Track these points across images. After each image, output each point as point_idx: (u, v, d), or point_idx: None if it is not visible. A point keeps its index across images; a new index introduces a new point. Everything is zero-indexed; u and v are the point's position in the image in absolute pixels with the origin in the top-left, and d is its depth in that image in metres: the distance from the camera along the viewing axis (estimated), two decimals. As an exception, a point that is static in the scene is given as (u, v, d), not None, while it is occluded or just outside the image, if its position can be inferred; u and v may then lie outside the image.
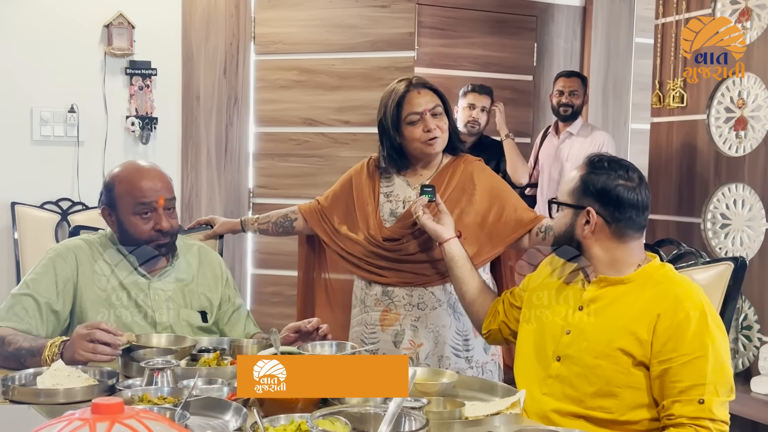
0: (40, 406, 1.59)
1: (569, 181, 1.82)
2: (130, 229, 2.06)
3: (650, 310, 1.68)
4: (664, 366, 1.64)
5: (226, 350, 1.99)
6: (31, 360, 1.84)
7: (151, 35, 4.10)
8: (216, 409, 1.52)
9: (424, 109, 2.32)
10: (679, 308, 1.65)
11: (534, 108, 5.01)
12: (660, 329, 1.65)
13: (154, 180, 2.08)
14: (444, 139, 2.36)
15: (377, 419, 1.30)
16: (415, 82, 2.37)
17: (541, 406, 1.76)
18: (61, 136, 4.01)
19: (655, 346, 1.65)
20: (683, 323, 1.64)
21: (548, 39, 5.03)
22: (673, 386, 1.63)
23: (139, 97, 4.10)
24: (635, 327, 1.68)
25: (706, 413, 1.60)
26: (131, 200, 2.04)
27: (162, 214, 2.06)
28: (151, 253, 2.11)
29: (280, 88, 4.16)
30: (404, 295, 2.38)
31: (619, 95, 5.17)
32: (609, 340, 1.70)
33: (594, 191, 1.76)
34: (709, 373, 1.61)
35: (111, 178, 2.10)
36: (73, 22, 4.00)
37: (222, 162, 4.25)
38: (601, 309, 1.75)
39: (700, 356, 1.62)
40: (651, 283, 1.73)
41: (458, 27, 4.72)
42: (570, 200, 1.80)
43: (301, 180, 4.12)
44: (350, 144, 4.05)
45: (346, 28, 4.04)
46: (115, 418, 0.87)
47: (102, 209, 2.13)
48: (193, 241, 2.32)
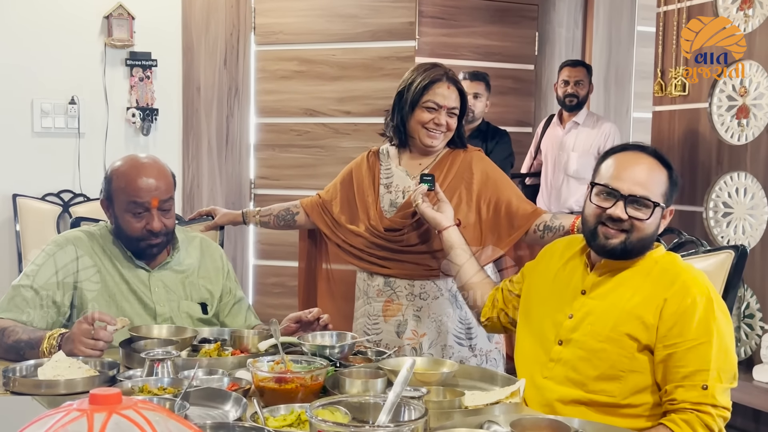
0: (41, 397, 1.60)
1: (660, 182, 1.74)
2: (123, 225, 2.06)
3: (657, 295, 1.68)
4: (668, 351, 1.64)
5: (227, 341, 1.99)
6: (30, 352, 1.85)
7: (151, 26, 4.09)
8: (216, 399, 1.52)
9: (444, 103, 2.34)
10: (687, 294, 1.65)
11: (535, 97, 5.00)
12: (666, 314, 1.65)
13: (151, 179, 2.04)
14: (447, 136, 2.40)
15: (377, 409, 1.30)
16: (450, 75, 2.38)
17: (542, 392, 1.76)
18: (62, 127, 4.00)
19: (661, 330, 1.65)
20: (690, 309, 1.64)
21: (550, 28, 5.02)
22: (676, 371, 1.63)
23: (140, 88, 4.09)
24: (642, 311, 1.68)
25: (709, 399, 1.60)
26: (126, 198, 2.03)
27: (155, 214, 2.04)
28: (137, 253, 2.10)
29: (280, 78, 4.15)
30: (406, 285, 2.39)
31: (621, 84, 5.16)
32: (615, 324, 1.70)
33: (675, 187, 1.76)
34: (713, 359, 1.61)
35: (111, 172, 2.09)
36: (72, 13, 3.99)
37: (223, 153, 4.25)
38: (606, 293, 1.75)
39: (705, 342, 1.62)
40: (657, 268, 1.73)
41: (459, 16, 4.71)
42: (662, 200, 1.74)
43: (302, 171, 4.12)
44: (351, 134, 4.04)
45: (347, 18, 4.02)
46: (112, 409, 0.87)
47: (101, 201, 2.13)
48: (195, 233, 2.32)
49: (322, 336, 1.92)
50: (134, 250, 2.09)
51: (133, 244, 2.07)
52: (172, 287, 2.13)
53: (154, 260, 2.13)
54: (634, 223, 1.71)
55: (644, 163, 1.74)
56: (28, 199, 3.92)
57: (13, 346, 1.88)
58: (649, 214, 1.70)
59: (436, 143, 2.38)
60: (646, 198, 1.71)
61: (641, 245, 1.74)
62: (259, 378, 1.55)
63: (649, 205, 1.70)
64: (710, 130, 3.74)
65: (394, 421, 1.26)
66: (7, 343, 1.89)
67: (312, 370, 1.59)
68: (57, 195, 3.99)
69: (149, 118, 4.10)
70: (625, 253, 1.74)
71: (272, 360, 1.67)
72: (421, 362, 1.73)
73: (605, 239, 1.74)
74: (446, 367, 1.71)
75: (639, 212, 1.71)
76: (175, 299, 2.13)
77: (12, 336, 1.89)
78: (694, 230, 3.71)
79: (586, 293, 1.78)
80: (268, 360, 1.67)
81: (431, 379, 1.65)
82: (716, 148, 3.71)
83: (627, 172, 1.73)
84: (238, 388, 1.58)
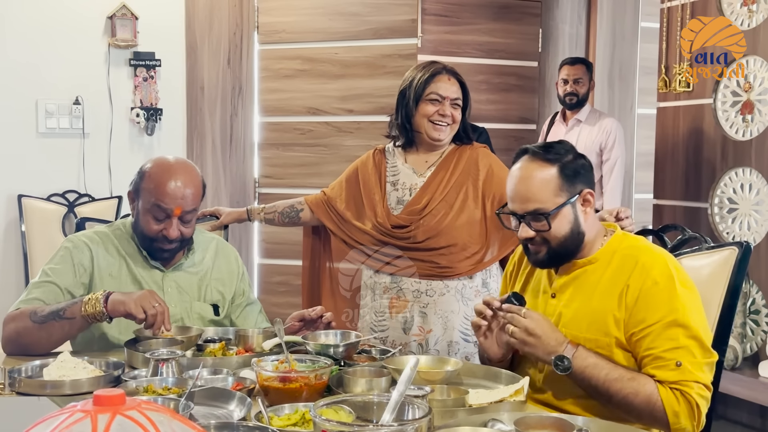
0: (47, 397, 1.60)
1: (543, 187, 1.70)
2: (141, 223, 2.07)
3: (620, 283, 1.67)
4: (637, 337, 1.64)
5: (231, 340, 1.99)
6: (72, 309, 1.86)
7: (154, 26, 4.10)
8: (221, 398, 1.52)
9: (447, 95, 2.36)
10: (647, 276, 1.65)
11: (539, 94, 4.99)
12: (630, 301, 1.65)
13: (180, 188, 2.03)
14: (453, 129, 2.40)
15: (380, 407, 1.30)
16: (449, 69, 2.42)
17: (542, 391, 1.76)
18: (66, 128, 4.02)
19: (628, 321, 1.65)
20: (651, 291, 1.63)
21: (553, 24, 5.01)
22: (649, 354, 1.62)
23: (144, 88, 4.10)
24: (609, 305, 1.67)
25: (686, 375, 1.59)
26: (151, 199, 2.04)
27: (174, 223, 2.04)
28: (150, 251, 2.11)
29: (283, 77, 4.15)
30: (412, 282, 2.40)
31: (626, 80, 5.14)
32: (588, 324, 1.70)
33: (574, 173, 1.72)
34: (681, 335, 1.60)
35: (143, 169, 2.09)
36: (76, 14, 4.00)
37: (227, 152, 4.25)
38: (574, 294, 1.74)
39: (670, 321, 1.61)
40: (617, 257, 1.72)
41: (462, 13, 4.70)
42: (562, 198, 1.71)
43: (306, 169, 4.12)
44: (354, 132, 4.04)
45: (349, 16, 4.02)
46: (116, 410, 0.87)
47: (129, 192, 2.14)
48: (213, 235, 2.32)
49: (326, 335, 1.92)
50: (147, 248, 2.10)
51: (146, 242, 2.09)
52: (186, 288, 2.14)
53: (170, 261, 2.14)
54: (543, 235, 1.72)
55: (525, 174, 1.73)
56: (33, 200, 3.93)
57: (50, 314, 1.88)
58: (550, 222, 1.70)
59: (443, 136, 2.39)
60: (537, 211, 1.70)
61: (568, 245, 1.73)
62: (263, 377, 1.55)
63: (543, 216, 1.70)
64: (715, 126, 3.73)
65: (398, 420, 1.26)
66: (41, 315, 1.89)
67: (316, 369, 1.59)
68: (62, 195, 4.01)
69: (153, 118, 4.11)
70: (559, 258, 1.75)
71: (276, 359, 1.67)
72: (426, 361, 1.74)
73: (534, 256, 1.76)
74: (450, 365, 1.71)
75: (540, 224, 1.71)
76: (188, 300, 2.13)
77: (44, 309, 1.90)
78: (699, 226, 3.71)
79: (555, 296, 1.78)
80: (273, 359, 1.67)
81: (435, 378, 1.65)
82: (721, 144, 3.70)
83: (514, 192, 1.75)
84: (242, 387, 1.59)
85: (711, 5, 3.70)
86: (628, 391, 1.60)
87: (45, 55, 3.96)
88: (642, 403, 1.59)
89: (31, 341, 1.89)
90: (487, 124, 4.27)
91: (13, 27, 3.92)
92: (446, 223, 2.36)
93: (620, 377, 1.61)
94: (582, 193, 1.73)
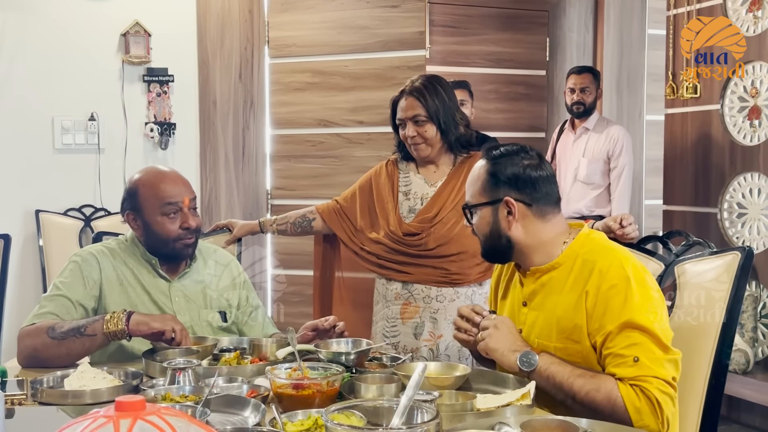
0: (68, 407, 1.65)
1: (475, 181, 1.78)
2: (158, 230, 2.13)
3: (579, 290, 1.69)
4: (598, 340, 1.65)
5: (246, 350, 2.03)
6: (92, 326, 1.92)
7: (167, 42, 4.17)
8: (236, 405, 1.56)
9: (405, 116, 2.44)
10: (602, 281, 1.65)
11: (548, 103, 5.02)
12: (590, 307, 1.66)
13: (176, 182, 2.16)
14: (430, 145, 2.46)
15: (390, 412, 1.34)
16: (408, 89, 2.46)
17: None
18: (82, 144, 4.09)
19: (588, 327, 1.66)
20: (606, 295, 1.64)
21: (560, 33, 5.04)
22: (608, 353, 1.63)
23: (157, 103, 4.17)
24: (572, 314, 1.69)
25: (644, 370, 1.58)
26: (158, 202, 2.11)
27: (188, 213, 2.14)
28: (171, 256, 2.17)
29: (294, 90, 4.21)
30: (423, 288, 2.45)
31: (633, 87, 5.16)
32: (558, 333, 1.71)
33: (505, 179, 1.74)
34: (636, 334, 1.60)
35: (133, 184, 2.16)
36: (90, 32, 4.08)
37: (240, 165, 4.31)
38: (542, 302, 1.76)
39: (625, 321, 1.61)
40: (579, 262, 1.72)
41: (470, 24, 4.74)
42: (484, 198, 1.76)
43: (318, 180, 4.17)
44: (364, 144, 4.09)
45: (358, 29, 4.08)
46: (137, 415, 0.91)
47: (126, 215, 2.18)
48: (211, 245, 2.38)
49: (338, 343, 1.96)
50: (169, 253, 2.15)
51: (169, 247, 2.14)
52: (192, 297, 2.19)
53: (175, 271, 2.19)
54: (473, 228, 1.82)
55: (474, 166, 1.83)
56: (50, 215, 4.00)
57: (70, 331, 1.92)
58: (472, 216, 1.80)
59: (423, 154, 2.47)
60: (466, 203, 1.82)
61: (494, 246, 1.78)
62: (277, 385, 1.59)
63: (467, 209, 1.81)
64: (722, 132, 3.75)
65: (407, 424, 1.30)
66: (60, 332, 1.93)
67: (328, 376, 1.63)
68: (79, 210, 4.07)
69: (167, 133, 4.17)
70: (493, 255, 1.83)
71: (290, 367, 1.71)
72: (435, 367, 1.77)
73: None
74: (459, 371, 1.75)
75: (469, 216, 1.82)
76: (195, 308, 2.18)
77: (63, 326, 1.94)
78: (709, 232, 3.72)
79: (527, 304, 1.80)
80: (286, 367, 1.71)
81: (444, 383, 1.68)
82: (729, 150, 3.72)
83: None
84: (257, 394, 1.62)
85: (716, 11, 3.72)
86: (590, 387, 1.60)
87: (60, 73, 4.04)
88: (603, 400, 1.59)
89: (49, 356, 1.93)
90: (496, 133, 4.31)
91: (29, 46, 4.00)
92: (456, 231, 2.41)
93: (583, 374, 1.62)
94: (505, 200, 1.74)
